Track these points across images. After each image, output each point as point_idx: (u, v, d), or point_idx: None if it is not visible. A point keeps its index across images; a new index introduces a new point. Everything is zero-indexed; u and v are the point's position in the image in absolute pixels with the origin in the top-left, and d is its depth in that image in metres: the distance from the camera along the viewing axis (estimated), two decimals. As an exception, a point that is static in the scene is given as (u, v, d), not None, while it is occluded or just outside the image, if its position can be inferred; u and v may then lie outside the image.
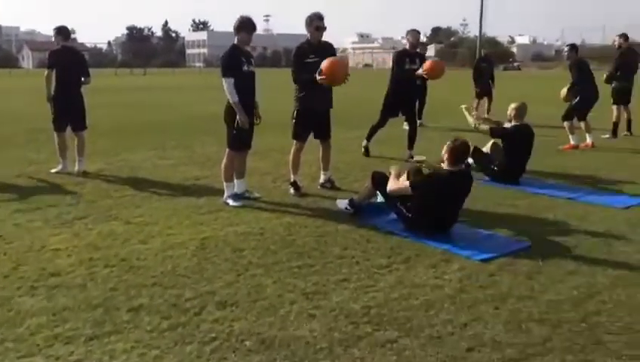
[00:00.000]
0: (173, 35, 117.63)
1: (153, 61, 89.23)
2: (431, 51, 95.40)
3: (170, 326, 3.03)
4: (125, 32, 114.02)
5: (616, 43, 10.18)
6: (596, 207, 5.40)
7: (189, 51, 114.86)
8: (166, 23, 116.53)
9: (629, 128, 10.06)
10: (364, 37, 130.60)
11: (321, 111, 5.93)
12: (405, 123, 8.22)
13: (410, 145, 7.89)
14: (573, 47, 9.22)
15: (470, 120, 6.92)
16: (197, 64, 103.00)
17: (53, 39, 7.01)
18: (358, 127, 8.66)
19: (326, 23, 5.73)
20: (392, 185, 4.76)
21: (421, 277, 3.73)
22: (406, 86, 7.75)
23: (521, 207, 5.44)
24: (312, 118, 5.87)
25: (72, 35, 8.52)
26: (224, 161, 5.64)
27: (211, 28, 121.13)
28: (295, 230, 4.70)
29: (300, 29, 5.79)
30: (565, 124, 8.96)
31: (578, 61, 9.05)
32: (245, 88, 5.42)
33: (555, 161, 7.75)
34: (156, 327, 3.03)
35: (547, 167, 7.33)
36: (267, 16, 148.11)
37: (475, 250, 4.22)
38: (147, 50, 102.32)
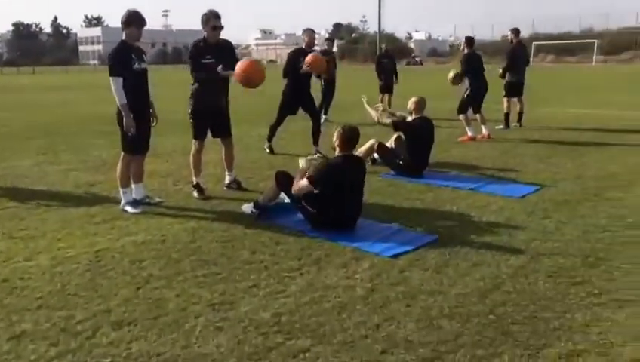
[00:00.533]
0: (64, 31, 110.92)
1: (43, 59, 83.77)
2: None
3: (59, 354, 2.72)
4: (11, 28, 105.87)
5: (508, 38, 10.72)
6: (496, 197, 5.59)
7: (82, 48, 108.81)
8: (55, 18, 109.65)
9: (519, 120, 10.63)
10: (266, 33, 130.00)
11: (217, 109, 5.68)
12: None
13: (315, 142, 7.84)
14: (467, 40, 9.57)
15: (373, 113, 6.95)
16: (92, 61, 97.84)
17: None
18: (265, 124, 8.47)
19: (229, 18, 5.50)
20: (295, 185, 4.64)
21: (332, 278, 3.64)
22: (303, 83, 7.68)
23: (426, 201, 5.52)
24: (208, 116, 5.64)
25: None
26: (119, 165, 5.27)
27: (106, 23, 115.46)
28: (200, 236, 4.45)
29: (199, 25, 5.51)
30: (461, 116, 9.31)
31: (468, 54, 9.43)
32: (137, 87, 5.08)
33: (456, 153, 8.00)
34: (42, 356, 2.70)
35: (449, 158, 7.56)
36: (166, 11, 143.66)
37: (384, 246, 4.20)
38: (36, 47, 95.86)
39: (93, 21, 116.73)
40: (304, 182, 4.59)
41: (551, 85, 23.18)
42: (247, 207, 5.05)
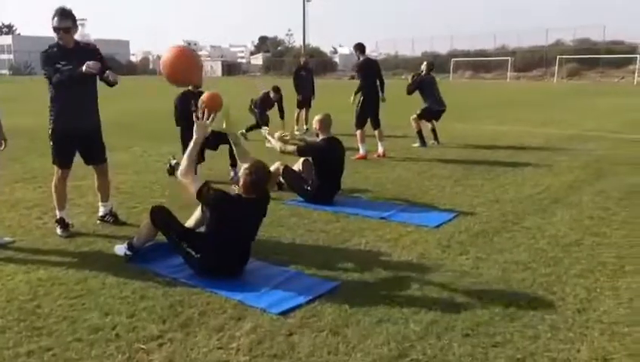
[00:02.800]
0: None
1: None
2: (258, 60, 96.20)
3: None
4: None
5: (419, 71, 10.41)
6: (409, 227, 5.02)
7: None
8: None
9: (435, 137, 10.28)
10: (190, 44, 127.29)
11: (84, 130, 4.79)
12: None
13: (234, 163, 7.06)
14: (358, 47, 8.90)
15: (274, 144, 6.18)
16: (2, 71, 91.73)
17: None
18: (166, 141, 7.59)
19: (154, 29, 4.70)
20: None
21: (201, 349, 2.87)
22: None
23: (332, 233, 4.86)
24: (73, 139, 4.73)
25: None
26: None
27: (17, 32, 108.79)
28: (44, 291, 3.54)
29: (120, 35, 4.66)
30: (357, 132, 8.80)
31: (363, 61, 8.93)
32: None
33: (370, 174, 7.44)
34: None
35: (362, 181, 6.98)
36: (83, 19, 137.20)
37: (274, 298, 3.47)
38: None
39: (4, 29, 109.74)
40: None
41: (468, 101, 23.52)
42: (121, 249, 4.18)
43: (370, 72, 8.87)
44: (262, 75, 70.97)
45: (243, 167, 3.94)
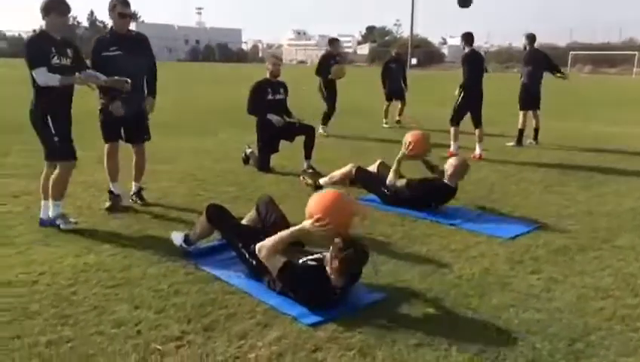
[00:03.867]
0: (101, 25, 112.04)
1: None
2: (365, 50, 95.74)
3: None
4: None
5: (522, 44, 9.59)
6: (480, 237, 4.56)
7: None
8: (92, 12, 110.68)
9: (535, 136, 9.49)
10: (300, 34, 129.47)
11: (129, 113, 4.90)
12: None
13: (309, 155, 6.93)
14: (465, 37, 8.28)
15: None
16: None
17: None
18: (252, 129, 7.57)
19: (263, 17, 4.74)
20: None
21: (217, 356, 2.69)
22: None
23: (394, 237, 4.52)
24: (119, 119, 4.87)
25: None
26: (43, 175, 4.58)
27: (141, 19, 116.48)
28: (86, 277, 3.54)
29: (233, 23, 4.69)
30: (451, 129, 8.23)
31: (468, 54, 8.26)
32: (57, 88, 4.23)
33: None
34: None
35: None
36: (200, 9, 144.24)
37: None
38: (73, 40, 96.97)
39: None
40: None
41: (581, 97, 21.74)
42: (178, 238, 4.05)
43: (475, 66, 8.26)
44: (367, 65, 70.54)
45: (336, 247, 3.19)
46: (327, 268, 3.20)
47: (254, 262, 3.51)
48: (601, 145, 9.48)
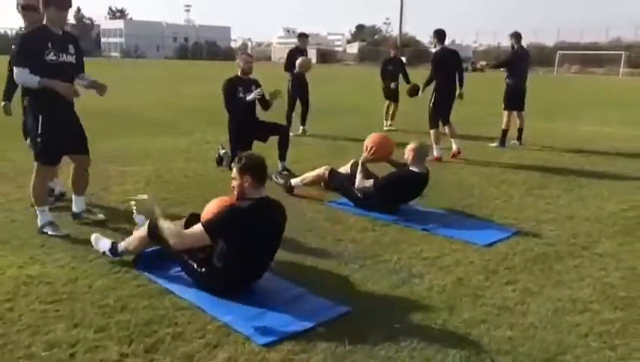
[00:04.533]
0: (88, 22, 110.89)
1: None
2: (354, 49, 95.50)
3: None
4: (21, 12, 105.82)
5: (509, 44, 9.39)
6: (455, 244, 4.34)
7: (104, 40, 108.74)
8: (79, 9, 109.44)
9: (519, 137, 9.31)
10: (290, 32, 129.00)
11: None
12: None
13: (283, 156, 6.67)
14: (437, 34, 8.08)
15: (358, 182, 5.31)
16: (113, 54, 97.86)
17: None
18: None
19: (254, 16, 4.40)
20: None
21: (155, 383, 2.45)
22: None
23: (363, 244, 4.29)
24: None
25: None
26: (33, 178, 4.30)
27: (129, 17, 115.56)
28: (26, 291, 3.26)
29: (222, 21, 4.37)
30: (431, 132, 7.99)
31: (439, 52, 8.03)
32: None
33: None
34: None
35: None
36: (188, 6, 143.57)
37: (266, 322, 2.99)
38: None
39: (117, 13, 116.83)
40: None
41: (568, 97, 21.68)
42: (105, 244, 3.74)
43: (445, 65, 8.04)
44: (355, 64, 70.41)
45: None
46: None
47: (203, 270, 3.29)
48: (586, 146, 9.31)
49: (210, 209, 3.57)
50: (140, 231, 3.57)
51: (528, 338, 2.92)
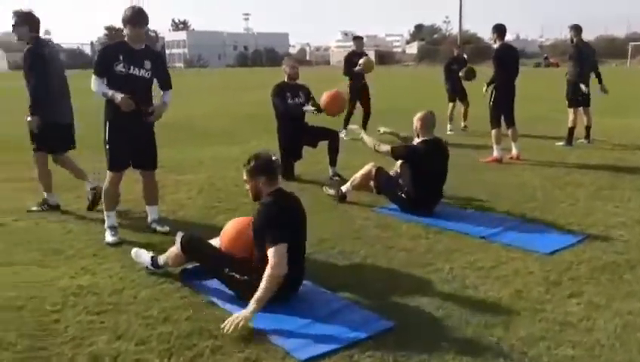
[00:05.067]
0: (153, 34, 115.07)
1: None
2: (413, 49, 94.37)
3: None
4: (104, 32, 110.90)
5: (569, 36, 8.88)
6: (514, 252, 4.08)
7: (168, 51, 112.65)
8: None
9: (587, 135, 8.78)
10: (347, 35, 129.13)
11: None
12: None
13: (333, 161, 6.56)
14: (497, 29, 7.66)
15: (366, 139, 5.54)
16: (177, 64, 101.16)
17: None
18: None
19: (312, 21, 4.53)
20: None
21: (191, 400, 2.38)
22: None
23: (415, 253, 4.10)
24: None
25: (48, 36, 6.95)
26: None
27: (191, 28, 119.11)
28: (74, 302, 3.30)
29: (280, 27, 4.46)
30: (493, 132, 7.61)
31: (499, 48, 7.64)
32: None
33: (489, 178, 6.42)
34: None
35: (477, 185, 6.01)
36: (247, 14, 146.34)
37: (306, 337, 2.88)
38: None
39: (180, 25, 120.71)
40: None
41: (643, 91, 20.40)
42: (145, 258, 3.73)
43: (505, 61, 7.68)
44: (415, 64, 69.48)
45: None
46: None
47: (245, 278, 3.23)
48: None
49: (230, 233, 3.54)
50: (175, 249, 3.52)
51: (594, 357, 2.67)
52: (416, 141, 5.22)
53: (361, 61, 9.21)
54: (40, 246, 4.26)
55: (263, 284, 3.02)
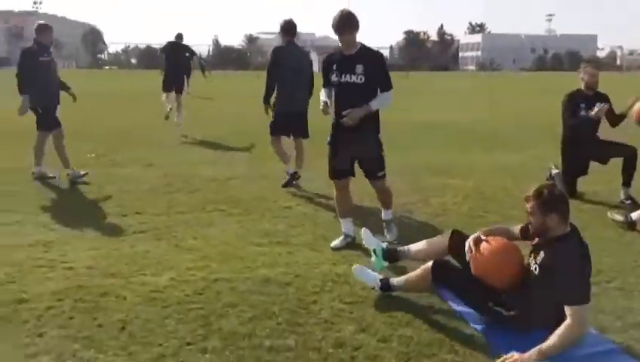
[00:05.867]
0: (448, 38, 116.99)
1: (424, 65, 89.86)
2: None
3: None
4: (402, 36, 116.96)
5: None
6: None
7: (462, 54, 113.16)
8: (441, 26, 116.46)
9: None
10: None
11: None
12: None
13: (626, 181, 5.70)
14: None
15: None
16: (469, 67, 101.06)
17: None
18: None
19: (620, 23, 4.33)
20: None
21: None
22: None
23: None
24: None
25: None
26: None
27: (488, 30, 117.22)
28: (331, 288, 3.57)
29: (587, 29, 4.46)
30: None
31: None
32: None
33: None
34: None
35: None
36: (550, 15, 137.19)
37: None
38: (422, 53, 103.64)
39: (477, 28, 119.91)
40: None
41: None
42: (375, 277, 3.51)
43: None
44: None
45: None
46: None
47: (512, 313, 2.98)
48: None
49: (494, 260, 3.12)
50: (422, 273, 3.26)
51: None
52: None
53: None
54: (314, 231, 4.73)
55: (557, 341, 2.65)
